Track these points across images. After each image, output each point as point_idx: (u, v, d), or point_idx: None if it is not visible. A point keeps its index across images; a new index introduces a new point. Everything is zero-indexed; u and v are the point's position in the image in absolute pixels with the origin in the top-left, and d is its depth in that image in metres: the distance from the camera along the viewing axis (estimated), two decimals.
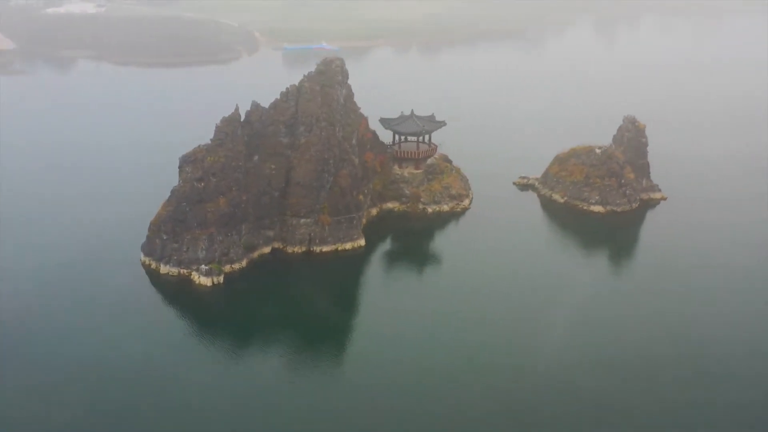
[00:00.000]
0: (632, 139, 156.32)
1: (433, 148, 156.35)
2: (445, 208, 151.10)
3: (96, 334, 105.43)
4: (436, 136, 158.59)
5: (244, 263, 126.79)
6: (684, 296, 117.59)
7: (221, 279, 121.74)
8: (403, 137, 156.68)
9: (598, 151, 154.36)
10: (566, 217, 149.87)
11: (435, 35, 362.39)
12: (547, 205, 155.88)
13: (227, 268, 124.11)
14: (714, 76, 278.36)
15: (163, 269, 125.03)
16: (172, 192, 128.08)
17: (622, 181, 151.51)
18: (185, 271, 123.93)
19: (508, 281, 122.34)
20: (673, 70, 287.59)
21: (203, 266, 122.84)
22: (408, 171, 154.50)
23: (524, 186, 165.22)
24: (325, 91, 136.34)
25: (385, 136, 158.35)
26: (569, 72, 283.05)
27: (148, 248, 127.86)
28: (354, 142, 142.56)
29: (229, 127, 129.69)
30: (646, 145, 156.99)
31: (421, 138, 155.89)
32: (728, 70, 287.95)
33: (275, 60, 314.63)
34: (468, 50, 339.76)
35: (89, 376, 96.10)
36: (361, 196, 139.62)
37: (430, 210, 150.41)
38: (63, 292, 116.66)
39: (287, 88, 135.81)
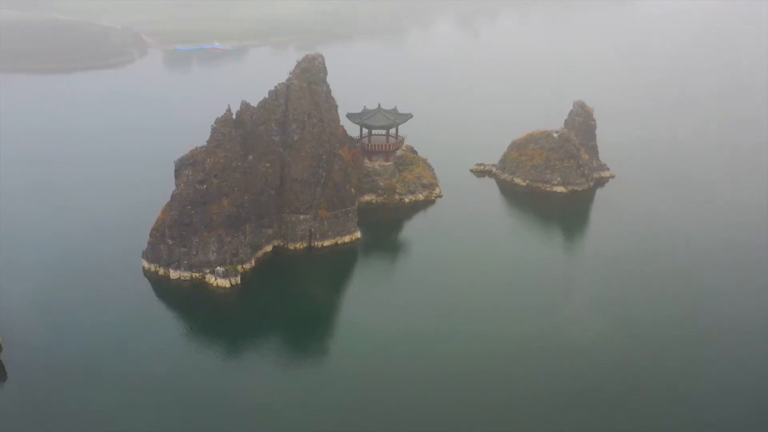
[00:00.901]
0: (583, 122, 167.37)
1: (401, 140, 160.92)
2: (420, 197, 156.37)
3: (133, 348, 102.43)
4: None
5: (252, 263, 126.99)
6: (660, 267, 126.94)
7: (238, 279, 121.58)
8: (369, 131, 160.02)
9: (555, 135, 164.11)
10: (533, 199, 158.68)
11: (330, 31, 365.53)
12: (511, 188, 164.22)
13: (239, 268, 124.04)
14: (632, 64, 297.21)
15: (174, 274, 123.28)
16: (173, 196, 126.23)
17: (580, 162, 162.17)
18: (197, 274, 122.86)
19: (507, 266, 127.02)
20: (601, 59, 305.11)
21: (219, 268, 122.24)
22: (378, 164, 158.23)
23: (481, 173, 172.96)
24: (312, 88, 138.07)
25: (351, 130, 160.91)
26: (491, 61, 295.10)
27: (152, 255, 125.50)
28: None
29: (225, 127, 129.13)
30: (595, 127, 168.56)
31: (386, 131, 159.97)
32: (638, 58, 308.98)
33: (169, 62, 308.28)
34: (371, 43, 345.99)
35: (144, 391, 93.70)
36: (353, 190, 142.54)
37: (406, 200, 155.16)
38: (73, 309, 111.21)
39: (276, 87, 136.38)
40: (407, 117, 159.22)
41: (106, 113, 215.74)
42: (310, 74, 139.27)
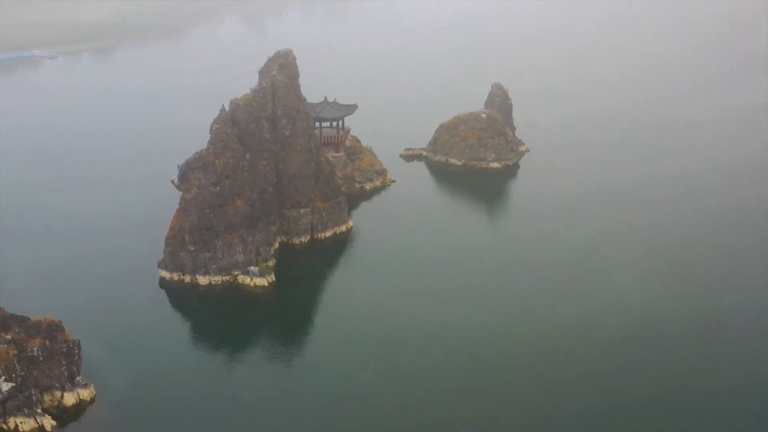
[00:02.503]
0: (502, 103, 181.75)
1: (348, 131, 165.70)
2: (378, 183, 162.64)
3: (222, 360, 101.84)
4: None
5: (274, 260, 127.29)
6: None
7: (273, 277, 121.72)
8: (320, 124, 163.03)
9: (483, 115, 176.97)
10: (475, 176, 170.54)
11: (149, 31, 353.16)
12: (449, 169, 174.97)
13: (270, 265, 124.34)
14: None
15: (203, 280, 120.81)
16: (187, 201, 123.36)
17: (509, 138, 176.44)
18: (227, 277, 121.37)
19: (496, 244, 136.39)
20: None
21: (253, 268, 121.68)
22: (331, 155, 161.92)
23: (410, 157, 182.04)
24: (293, 83, 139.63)
25: None
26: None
27: (172, 264, 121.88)
28: None
29: (226, 127, 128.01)
30: (511, 106, 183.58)
31: (335, 123, 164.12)
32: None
33: None
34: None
35: (233, 401, 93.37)
36: (339, 180, 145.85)
37: (367, 187, 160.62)
38: (127, 337, 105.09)
39: (261, 84, 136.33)
40: (354, 108, 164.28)
41: None
42: (288, 70, 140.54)
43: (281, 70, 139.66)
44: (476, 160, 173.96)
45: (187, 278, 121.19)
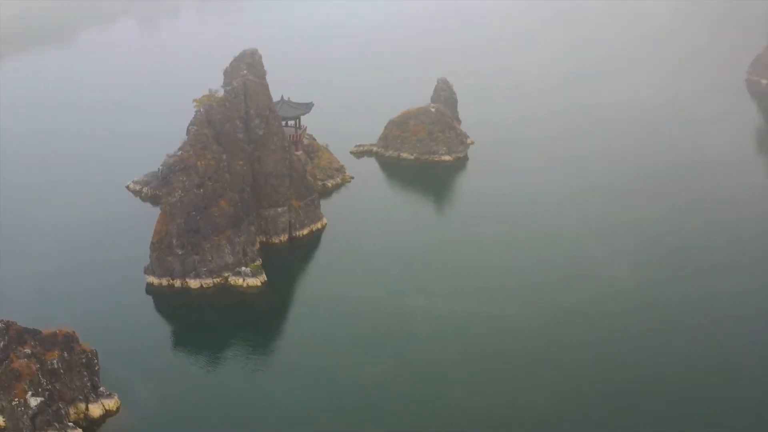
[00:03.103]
0: (448, 97, 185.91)
1: (305, 129, 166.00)
2: (338, 180, 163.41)
3: (239, 361, 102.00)
4: None
5: (260, 260, 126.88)
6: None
7: (265, 277, 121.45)
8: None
9: (432, 110, 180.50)
10: (429, 169, 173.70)
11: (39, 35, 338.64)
12: (401, 163, 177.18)
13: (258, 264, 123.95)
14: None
15: (194, 283, 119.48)
16: (171, 205, 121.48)
17: (458, 132, 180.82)
18: (218, 279, 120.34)
19: (471, 237, 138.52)
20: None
21: (244, 268, 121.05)
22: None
23: (361, 153, 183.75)
24: (263, 83, 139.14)
25: None
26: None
27: (160, 269, 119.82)
28: None
29: (203, 128, 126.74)
30: (457, 100, 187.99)
31: (291, 122, 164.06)
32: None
33: None
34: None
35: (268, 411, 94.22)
36: (310, 178, 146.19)
37: (329, 184, 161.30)
38: (118, 340, 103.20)
39: (233, 84, 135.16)
40: (310, 106, 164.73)
41: None
42: (256, 69, 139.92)
43: (250, 70, 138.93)
44: (428, 154, 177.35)
45: (177, 283, 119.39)
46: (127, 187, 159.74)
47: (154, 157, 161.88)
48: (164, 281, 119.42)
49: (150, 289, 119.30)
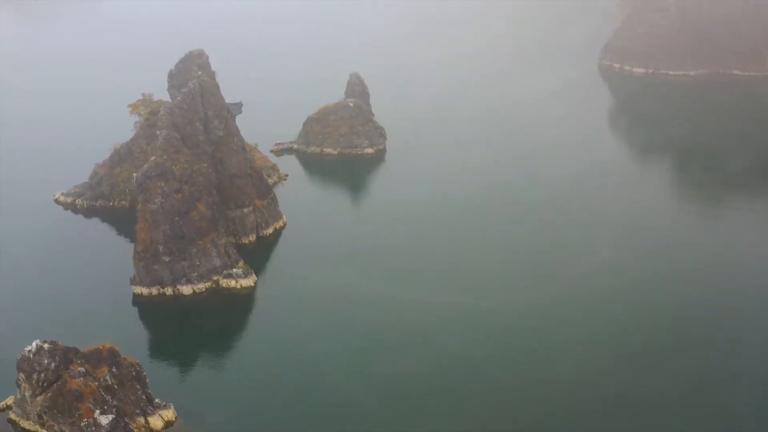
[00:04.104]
0: (361, 92, 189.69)
1: None
2: (276, 179, 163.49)
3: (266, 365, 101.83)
4: None
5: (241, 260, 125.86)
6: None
7: (255, 276, 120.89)
8: None
9: (351, 104, 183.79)
10: (356, 163, 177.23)
11: None
12: (326, 158, 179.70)
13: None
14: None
15: (186, 289, 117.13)
16: (153, 212, 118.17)
17: (375, 124, 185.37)
18: (209, 283, 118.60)
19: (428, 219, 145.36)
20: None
21: (236, 270, 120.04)
22: None
23: (281, 151, 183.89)
24: (215, 83, 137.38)
25: None
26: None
27: (149, 278, 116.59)
28: None
29: (173, 132, 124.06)
30: (369, 95, 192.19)
31: None
32: None
33: None
34: None
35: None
36: (267, 177, 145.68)
37: (270, 182, 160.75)
38: (136, 351, 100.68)
39: (190, 85, 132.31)
40: (241, 105, 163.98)
41: None
42: (206, 70, 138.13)
43: (203, 71, 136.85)
44: (351, 148, 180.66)
45: (169, 290, 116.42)
46: (56, 200, 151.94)
47: (79, 169, 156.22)
48: (154, 290, 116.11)
49: (138, 300, 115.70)
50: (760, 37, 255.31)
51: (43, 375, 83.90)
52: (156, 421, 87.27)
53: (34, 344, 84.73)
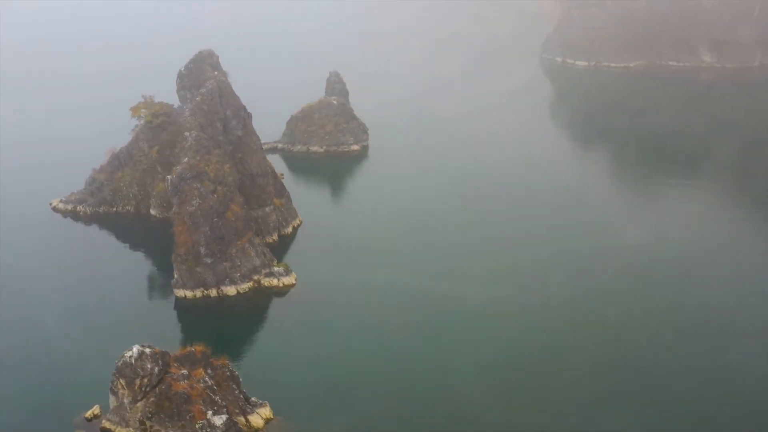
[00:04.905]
0: (341, 90, 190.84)
1: None
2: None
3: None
4: None
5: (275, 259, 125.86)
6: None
7: (295, 274, 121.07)
8: None
9: (334, 102, 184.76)
10: (341, 160, 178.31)
11: None
12: (313, 156, 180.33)
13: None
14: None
15: (230, 290, 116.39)
16: (191, 214, 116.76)
17: (359, 121, 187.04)
18: (251, 282, 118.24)
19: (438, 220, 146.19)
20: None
21: (276, 268, 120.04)
22: None
23: (266, 151, 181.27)
24: (228, 83, 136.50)
25: None
26: None
27: (191, 281, 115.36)
28: None
29: (202, 133, 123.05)
30: (348, 92, 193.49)
31: None
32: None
33: None
34: None
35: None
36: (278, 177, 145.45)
37: None
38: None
39: (208, 85, 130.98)
40: None
41: None
42: (219, 70, 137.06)
43: (217, 70, 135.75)
44: (337, 145, 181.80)
45: (213, 292, 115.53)
46: (54, 207, 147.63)
47: (72, 176, 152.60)
48: (198, 293, 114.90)
49: (182, 303, 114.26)
50: (692, 29, 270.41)
51: (146, 380, 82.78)
52: (256, 420, 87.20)
53: (134, 349, 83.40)
